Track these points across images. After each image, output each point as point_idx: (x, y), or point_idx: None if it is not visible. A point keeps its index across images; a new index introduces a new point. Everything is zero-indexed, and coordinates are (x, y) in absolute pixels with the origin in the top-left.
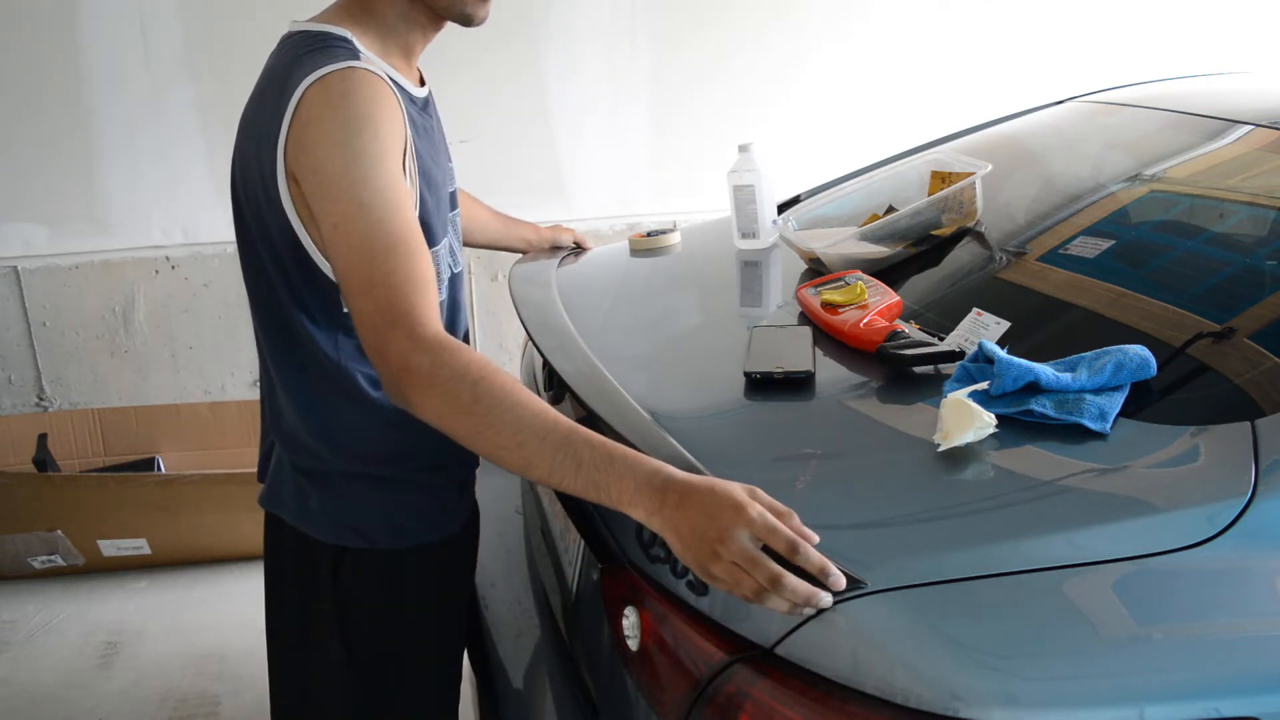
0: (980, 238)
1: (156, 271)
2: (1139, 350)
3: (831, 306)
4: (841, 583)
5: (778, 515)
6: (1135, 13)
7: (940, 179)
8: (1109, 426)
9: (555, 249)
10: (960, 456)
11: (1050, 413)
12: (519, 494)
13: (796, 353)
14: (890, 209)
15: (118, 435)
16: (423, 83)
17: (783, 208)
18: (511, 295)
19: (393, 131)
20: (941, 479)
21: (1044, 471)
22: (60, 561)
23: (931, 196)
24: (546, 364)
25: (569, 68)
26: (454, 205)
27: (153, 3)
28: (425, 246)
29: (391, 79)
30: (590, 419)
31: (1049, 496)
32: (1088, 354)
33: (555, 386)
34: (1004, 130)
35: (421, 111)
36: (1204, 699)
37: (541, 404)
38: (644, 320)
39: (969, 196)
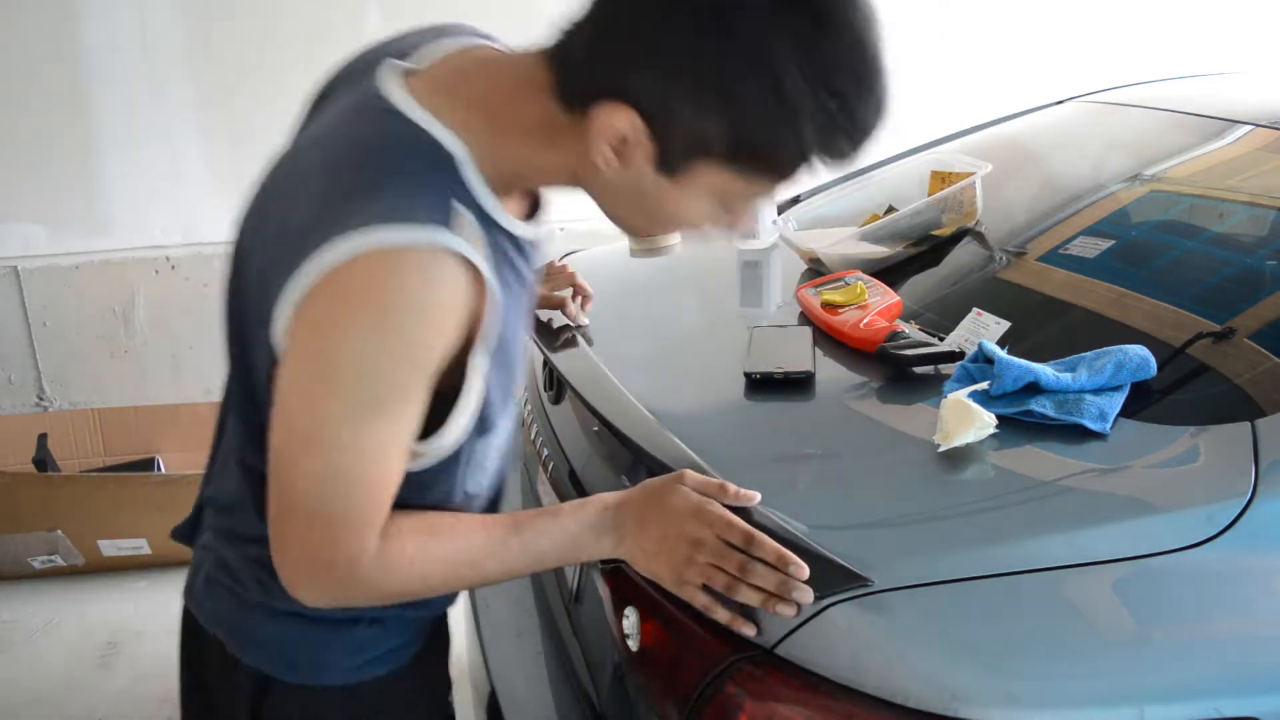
0: (980, 238)
1: (156, 271)
2: (1139, 350)
3: (831, 306)
4: (804, 571)
5: (714, 490)
6: (1135, 13)
7: (940, 179)
8: (1109, 427)
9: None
10: (960, 456)
11: (1050, 413)
12: (519, 494)
13: (796, 353)
14: (890, 209)
15: (118, 435)
16: (535, 209)
17: (783, 208)
18: None
19: (441, 350)
20: (941, 479)
21: (1044, 471)
22: (60, 561)
23: (931, 196)
24: (547, 364)
25: None
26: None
27: (153, 2)
28: (393, 486)
29: (494, 221)
30: (593, 420)
31: (1049, 496)
32: (1088, 354)
33: (555, 386)
34: (1004, 130)
35: (523, 257)
36: (1204, 699)
37: (473, 519)
38: (644, 320)
39: (969, 196)
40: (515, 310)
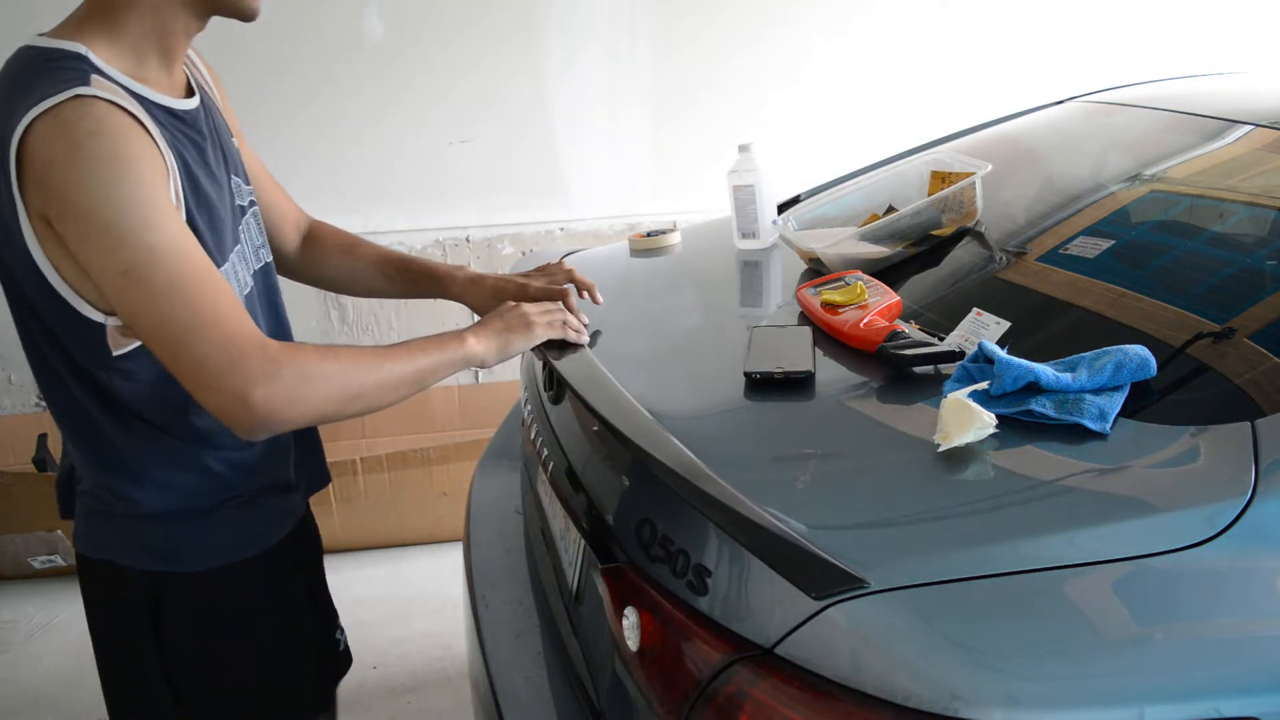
0: (980, 238)
1: None
2: (1139, 350)
3: (831, 306)
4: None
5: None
6: (1135, 13)
7: (940, 179)
8: (1109, 426)
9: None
10: (960, 456)
11: (1050, 413)
12: (519, 494)
13: (796, 353)
14: (890, 209)
15: None
16: (191, 91)
17: (783, 208)
18: None
19: (150, 167)
20: (941, 479)
21: (1044, 471)
22: (60, 561)
23: (931, 196)
24: (546, 364)
25: (568, 68)
26: (241, 216)
27: None
28: (222, 282)
29: (143, 97)
30: (593, 420)
31: (1049, 496)
32: (1088, 354)
33: (555, 386)
34: (1004, 130)
35: (189, 125)
36: (1204, 699)
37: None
38: (644, 320)
39: (969, 196)
40: (198, 163)
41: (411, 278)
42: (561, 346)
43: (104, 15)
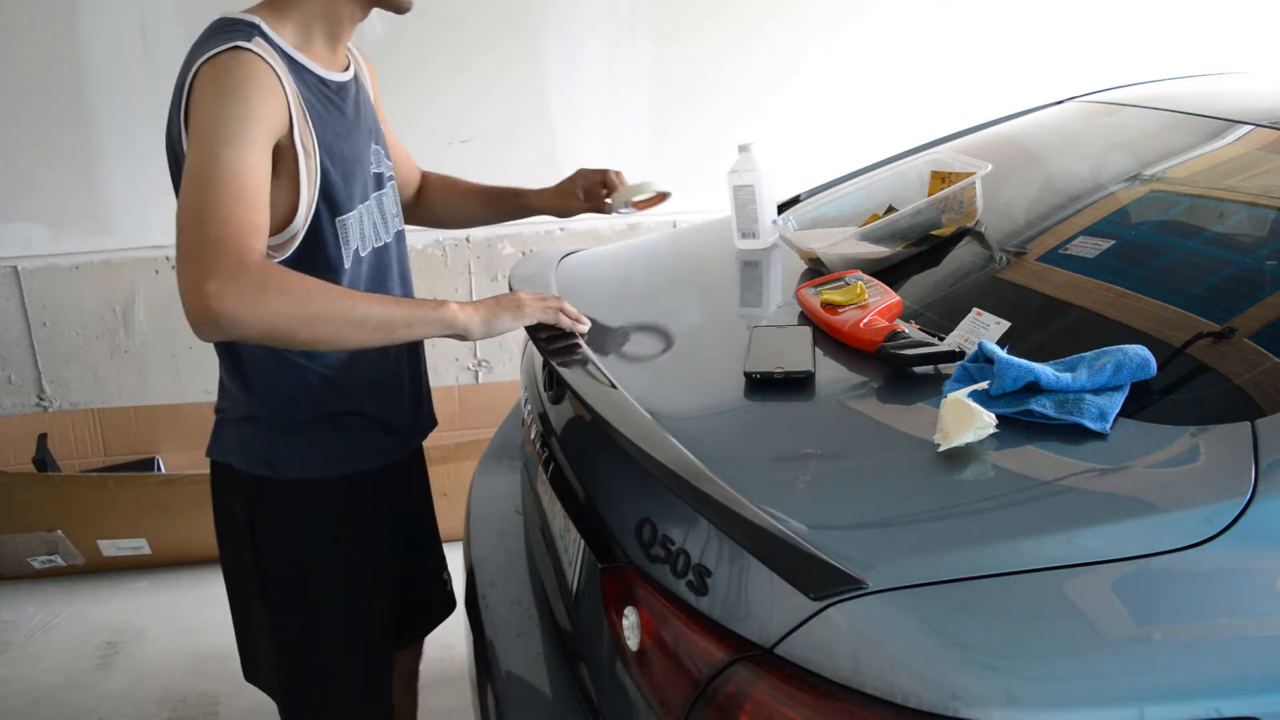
0: (980, 238)
1: (156, 271)
2: (1139, 350)
3: (831, 306)
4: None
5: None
6: (1135, 13)
7: (940, 179)
8: (1109, 426)
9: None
10: (960, 456)
11: (1050, 413)
12: (519, 494)
13: (796, 353)
14: (890, 209)
15: (118, 435)
16: (346, 69)
17: (783, 208)
18: None
19: (263, 109)
20: (941, 479)
21: (1044, 471)
22: (60, 561)
23: (931, 196)
24: (546, 364)
25: (568, 67)
26: (380, 185)
27: (153, 3)
28: (265, 205)
29: (299, 63)
30: (593, 420)
31: (1049, 496)
32: (1088, 354)
33: (555, 386)
34: (1004, 130)
35: (335, 94)
36: (1204, 699)
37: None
38: (644, 320)
39: (969, 196)
40: (337, 125)
41: (500, 198)
42: (560, 341)
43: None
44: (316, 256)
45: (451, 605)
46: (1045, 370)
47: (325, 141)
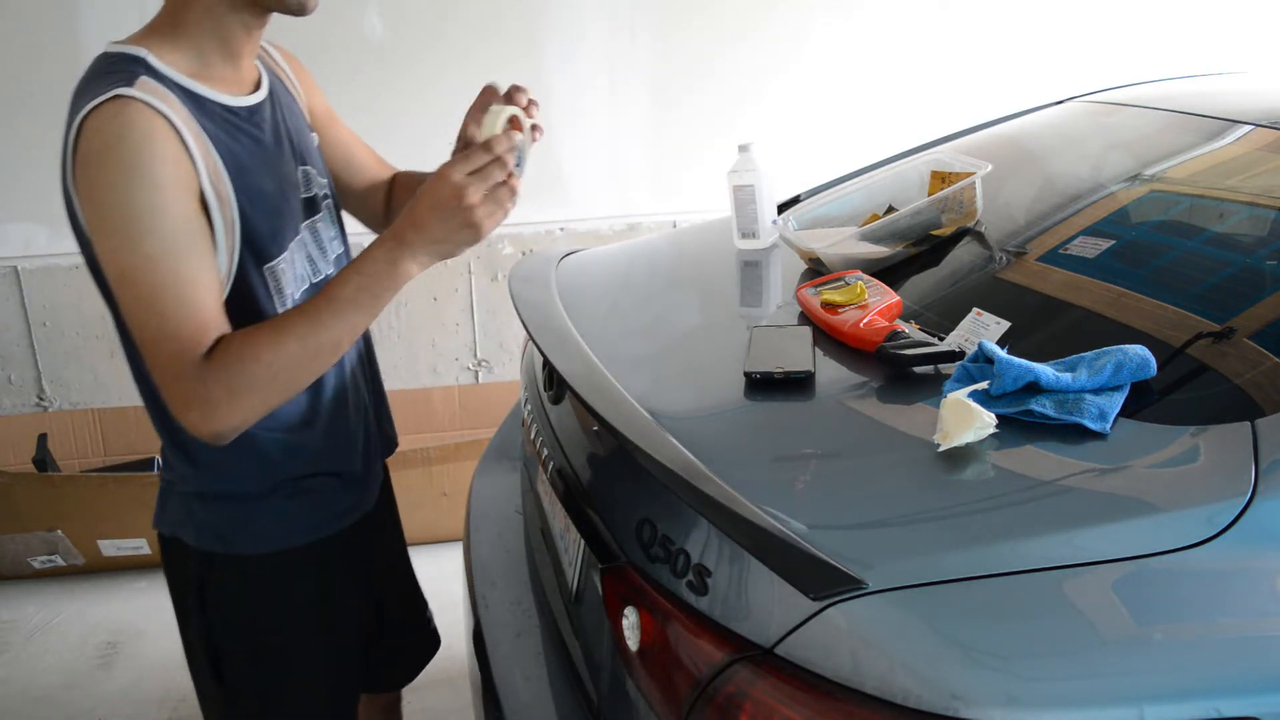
0: (980, 238)
1: None
2: (1139, 350)
3: (831, 306)
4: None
5: (483, 162)
6: (1135, 13)
7: (940, 179)
8: (1109, 426)
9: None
10: (960, 456)
11: (1050, 413)
12: (519, 494)
13: (796, 353)
14: (890, 209)
15: (118, 435)
16: (257, 87)
17: (783, 208)
18: (511, 295)
19: (168, 172)
20: (941, 479)
21: (1044, 471)
22: (60, 561)
23: (931, 196)
24: (547, 364)
25: (566, 66)
26: (313, 210)
27: (153, 4)
28: (211, 277)
29: (198, 95)
30: (592, 420)
31: (1049, 496)
32: (1088, 354)
33: (555, 386)
34: (1004, 130)
35: (247, 120)
36: (1204, 699)
37: (295, 311)
38: (644, 320)
39: (969, 196)
40: (255, 159)
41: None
42: (562, 346)
43: (169, 20)
44: (247, 310)
45: (435, 645)
46: (1045, 370)
47: (241, 183)
